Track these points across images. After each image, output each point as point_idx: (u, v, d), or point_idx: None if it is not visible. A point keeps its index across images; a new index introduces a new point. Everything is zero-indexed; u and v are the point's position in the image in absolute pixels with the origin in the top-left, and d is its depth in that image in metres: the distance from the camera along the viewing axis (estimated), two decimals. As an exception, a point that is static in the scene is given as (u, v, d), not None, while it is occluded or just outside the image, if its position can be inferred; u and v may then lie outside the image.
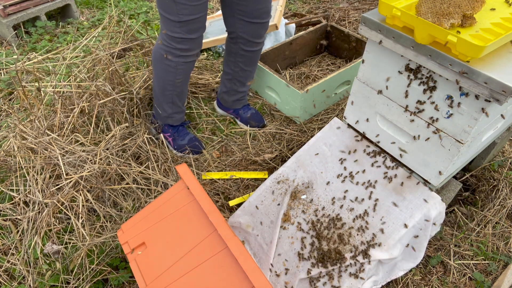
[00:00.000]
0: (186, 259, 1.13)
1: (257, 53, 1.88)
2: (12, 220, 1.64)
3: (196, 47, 1.66)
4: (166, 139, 1.98)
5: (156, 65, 1.72)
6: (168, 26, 1.56)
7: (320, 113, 2.20)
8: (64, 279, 1.46)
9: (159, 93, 1.82)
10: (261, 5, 1.68)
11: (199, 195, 1.20)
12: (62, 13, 3.22)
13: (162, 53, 1.66)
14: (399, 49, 1.14)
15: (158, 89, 1.81)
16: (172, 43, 1.61)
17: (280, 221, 1.42)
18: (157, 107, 1.88)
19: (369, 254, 1.28)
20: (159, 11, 1.57)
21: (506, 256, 1.52)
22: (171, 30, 1.57)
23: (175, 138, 1.95)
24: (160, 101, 1.84)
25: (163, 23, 1.58)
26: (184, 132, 1.97)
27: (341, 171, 1.47)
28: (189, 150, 1.94)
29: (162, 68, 1.71)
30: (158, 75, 1.75)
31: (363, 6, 3.20)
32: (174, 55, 1.65)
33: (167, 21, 1.55)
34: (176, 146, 1.95)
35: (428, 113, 1.21)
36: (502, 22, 1.03)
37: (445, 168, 1.24)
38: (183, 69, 1.71)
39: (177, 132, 1.96)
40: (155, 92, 1.84)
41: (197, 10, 1.52)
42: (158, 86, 1.80)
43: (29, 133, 1.72)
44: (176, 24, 1.54)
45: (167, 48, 1.63)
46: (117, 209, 1.68)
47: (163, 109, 1.87)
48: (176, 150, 1.96)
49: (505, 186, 1.71)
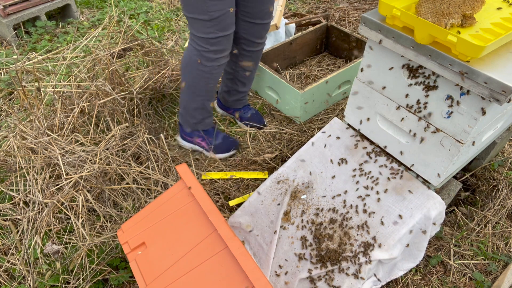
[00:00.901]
0: (186, 259, 1.13)
1: (258, 53, 1.87)
2: (12, 220, 1.64)
3: (229, 46, 1.63)
4: (199, 144, 1.95)
5: (188, 71, 1.69)
6: (200, 27, 1.52)
7: (320, 113, 2.20)
8: (64, 279, 1.46)
9: (190, 100, 1.78)
10: (265, 6, 1.67)
11: (199, 195, 1.20)
12: (62, 13, 3.22)
13: (195, 59, 1.61)
14: (399, 49, 1.14)
15: (188, 95, 1.77)
16: (206, 45, 1.57)
17: (280, 221, 1.42)
18: (186, 114, 1.85)
19: (369, 254, 1.28)
20: (187, 16, 1.53)
21: (506, 256, 1.52)
22: (203, 31, 1.53)
23: (209, 141, 1.92)
24: (190, 108, 1.81)
25: (194, 26, 1.54)
26: (216, 132, 1.95)
27: (341, 171, 1.47)
28: (227, 150, 1.93)
29: (195, 75, 1.67)
30: (190, 82, 1.72)
31: (363, 6, 3.20)
32: (208, 59, 1.61)
33: (198, 22, 1.51)
34: (212, 148, 1.93)
35: (428, 113, 1.21)
36: (502, 22, 1.03)
37: (445, 168, 1.24)
38: (217, 73, 1.68)
39: (208, 134, 1.93)
40: (185, 100, 1.80)
41: (227, 3, 1.49)
42: (189, 93, 1.76)
43: (29, 133, 1.72)
44: (207, 24, 1.50)
45: (200, 52, 1.59)
46: (117, 209, 1.68)
47: (193, 116, 1.84)
48: (215, 152, 1.93)
49: (505, 186, 1.71)
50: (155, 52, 2.32)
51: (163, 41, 2.88)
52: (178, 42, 2.85)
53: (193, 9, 1.48)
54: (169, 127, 2.14)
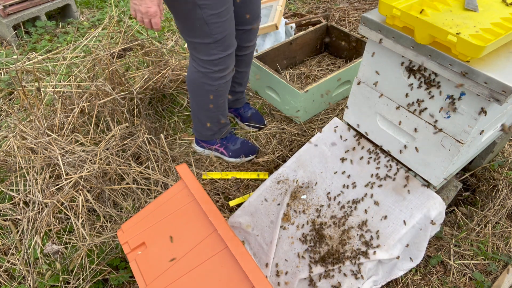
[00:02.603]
0: (186, 259, 1.13)
1: (249, 56, 1.86)
2: (12, 220, 1.64)
3: (232, 62, 1.62)
4: (217, 150, 1.94)
5: (196, 92, 1.69)
6: (204, 50, 1.51)
7: (320, 113, 2.20)
8: (64, 279, 1.46)
9: (203, 116, 1.78)
10: (252, 12, 1.65)
11: (199, 195, 1.20)
12: (62, 13, 3.22)
13: (201, 81, 1.61)
14: (399, 49, 1.14)
15: (200, 113, 1.77)
16: (210, 67, 1.56)
17: (280, 221, 1.42)
18: (201, 129, 1.85)
19: (369, 254, 1.28)
20: (188, 41, 1.52)
21: (506, 256, 1.52)
22: (207, 53, 1.52)
23: (227, 146, 1.92)
24: (205, 122, 1.81)
25: (197, 50, 1.53)
26: (234, 138, 1.94)
27: (341, 171, 1.47)
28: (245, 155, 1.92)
29: (203, 94, 1.67)
30: (199, 101, 1.72)
31: (363, 6, 3.20)
32: (214, 79, 1.60)
33: (201, 46, 1.50)
34: (230, 153, 1.92)
35: (428, 113, 1.21)
36: (502, 22, 1.03)
37: (445, 168, 1.24)
38: (225, 89, 1.68)
39: (226, 140, 1.93)
40: (197, 116, 1.80)
41: (228, 24, 1.48)
42: (200, 111, 1.76)
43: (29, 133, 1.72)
44: (212, 46, 1.49)
45: (205, 74, 1.59)
46: (117, 209, 1.67)
47: (210, 129, 1.84)
48: (232, 158, 1.93)
49: (505, 186, 1.71)
50: (155, 52, 2.32)
51: (163, 41, 2.88)
52: (178, 42, 2.85)
53: (196, 34, 1.46)
54: (169, 127, 2.14)
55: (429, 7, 1.09)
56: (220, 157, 1.96)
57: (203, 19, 1.40)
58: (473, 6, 1.10)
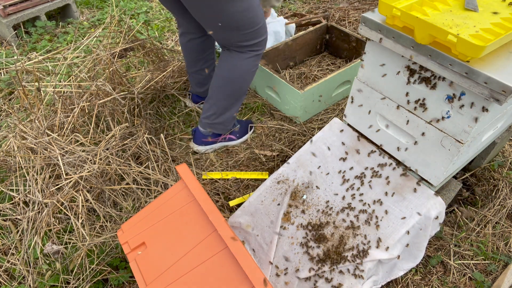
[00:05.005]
0: (186, 259, 1.13)
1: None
2: (12, 220, 1.64)
3: None
4: (224, 139, 2.00)
5: (245, 81, 1.76)
6: (262, 31, 1.63)
7: (320, 113, 2.20)
8: (64, 279, 1.46)
9: (236, 106, 1.86)
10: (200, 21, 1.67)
11: (199, 195, 1.20)
12: (62, 13, 3.22)
13: (250, 68, 1.71)
14: (399, 49, 1.14)
15: (235, 105, 1.85)
16: (261, 47, 1.68)
17: (280, 221, 1.42)
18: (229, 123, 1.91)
19: (369, 254, 1.28)
20: (251, 32, 1.59)
21: (506, 256, 1.52)
22: (264, 32, 1.65)
23: (232, 131, 2.00)
24: (233, 113, 1.88)
25: (258, 34, 1.62)
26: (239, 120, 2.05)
27: (341, 171, 1.47)
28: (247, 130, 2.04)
29: (250, 79, 1.76)
30: (243, 90, 1.80)
31: (363, 6, 3.20)
32: (259, 58, 1.72)
33: (261, 28, 1.61)
34: (238, 135, 2.01)
35: (428, 113, 1.21)
36: (502, 22, 1.03)
37: (445, 168, 1.24)
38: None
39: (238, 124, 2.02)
40: (229, 111, 1.85)
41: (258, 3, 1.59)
42: (236, 101, 1.84)
43: (29, 133, 1.72)
44: (265, 24, 1.63)
45: (257, 56, 1.69)
46: (117, 209, 1.67)
47: (233, 119, 1.91)
48: (242, 138, 2.02)
49: (505, 186, 1.71)
50: (156, 52, 2.32)
51: (163, 41, 2.89)
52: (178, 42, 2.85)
53: (256, 20, 1.57)
54: (169, 127, 2.14)
55: (429, 7, 1.09)
56: (226, 146, 2.01)
57: (257, 3, 1.54)
58: (473, 6, 1.10)
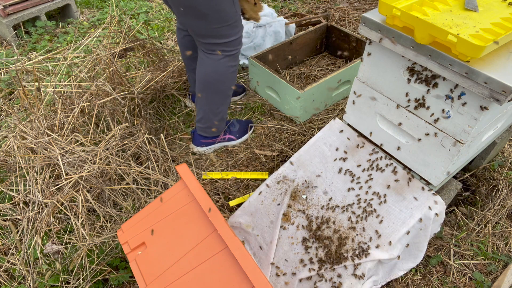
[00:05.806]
0: (186, 259, 1.13)
1: None
2: (12, 220, 1.64)
3: None
4: (224, 140, 1.99)
5: (225, 81, 1.70)
6: (234, 30, 1.55)
7: (320, 113, 2.20)
8: (64, 279, 1.46)
9: (225, 105, 1.82)
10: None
11: (199, 195, 1.20)
12: (62, 13, 3.22)
13: (229, 66, 1.64)
14: (399, 49, 1.14)
15: (223, 106, 1.81)
16: (237, 46, 1.61)
17: (280, 221, 1.42)
18: (222, 123, 1.89)
19: (369, 254, 1.28)
20: (218, 28, 1.52)
21: (506, 256, 1.52)
22: (234, 32, 1.56)
23: (231, 131, 1.98)
24: (225, 113, 1.85)
25: (225, 34, 1.55)
26: (228, 121, 2.00)
27: (341, 171, 1.47)
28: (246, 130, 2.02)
29: (230, 79, 1.71)
30: (226, 90, 1.75)
31: (363, 6, 3.20)
32: (237, 58, 1.65)
33: (230, 28, 1.53)
34: (237, 135, 1.99)
35: (428, 113, 1.21)
36: (502, 22, 1.03)
37: (445, 168, 1.24)
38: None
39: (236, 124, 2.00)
40: (219, 112, 1.82)
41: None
42: (224, 104, 1.80)
43: (29, 133, 1.72)
44: (239, 24, 1.56)
45: (234, 56, 1.63)
46: (117, 209, 1.67)
47: (224, 119, 1.89)
48: (241, 138, 2.00)
49: (505, 186, 1.71)
50: (156, 52, 2.32)
51: (163, 41, 2.89)
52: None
53: (228, 16, 1.49)
54: (169, 127, 2.14)
55: (429, 7, 1.09)
56: (226, 146, 2.00)
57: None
58: (473, 6, 1.10)
